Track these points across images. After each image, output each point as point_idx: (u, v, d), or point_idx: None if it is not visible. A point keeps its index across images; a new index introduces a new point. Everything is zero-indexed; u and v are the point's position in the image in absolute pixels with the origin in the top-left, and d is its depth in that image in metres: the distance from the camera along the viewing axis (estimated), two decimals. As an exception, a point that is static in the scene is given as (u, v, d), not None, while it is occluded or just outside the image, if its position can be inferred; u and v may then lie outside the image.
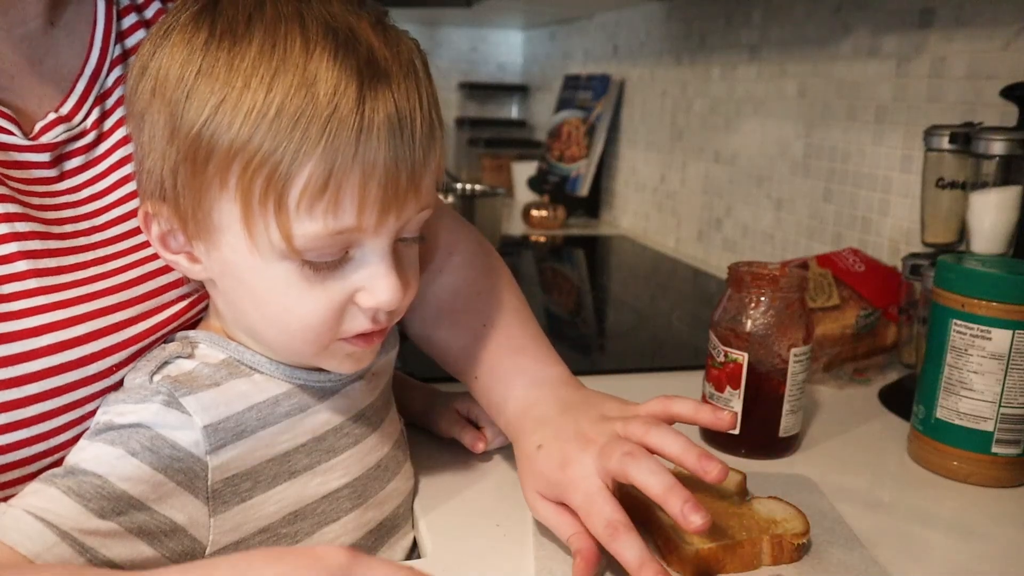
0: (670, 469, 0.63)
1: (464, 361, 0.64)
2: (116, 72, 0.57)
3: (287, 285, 0.47)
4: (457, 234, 0.68)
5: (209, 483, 0.48)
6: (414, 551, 0.61)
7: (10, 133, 0.51)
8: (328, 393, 0.55)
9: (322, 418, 0.55)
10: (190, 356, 0.51)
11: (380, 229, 0.47)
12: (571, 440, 0.54)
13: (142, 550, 0.45)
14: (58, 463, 0.48)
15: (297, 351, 0.51)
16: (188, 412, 0.48)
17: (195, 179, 0.46)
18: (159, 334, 0.53)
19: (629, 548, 0.49)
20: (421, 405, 0.73)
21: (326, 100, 0.44)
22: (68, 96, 0.54)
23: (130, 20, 0.59)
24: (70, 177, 0.54)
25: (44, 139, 0.52)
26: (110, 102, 0.56)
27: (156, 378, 0.49)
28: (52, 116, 0.53)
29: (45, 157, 0.52)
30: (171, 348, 0.51)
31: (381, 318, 0.50)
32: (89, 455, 0.46)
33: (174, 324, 0.54)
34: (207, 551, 0.48)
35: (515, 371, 0.61)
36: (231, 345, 0.52)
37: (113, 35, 0.57)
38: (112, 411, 0.48)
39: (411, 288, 0.52)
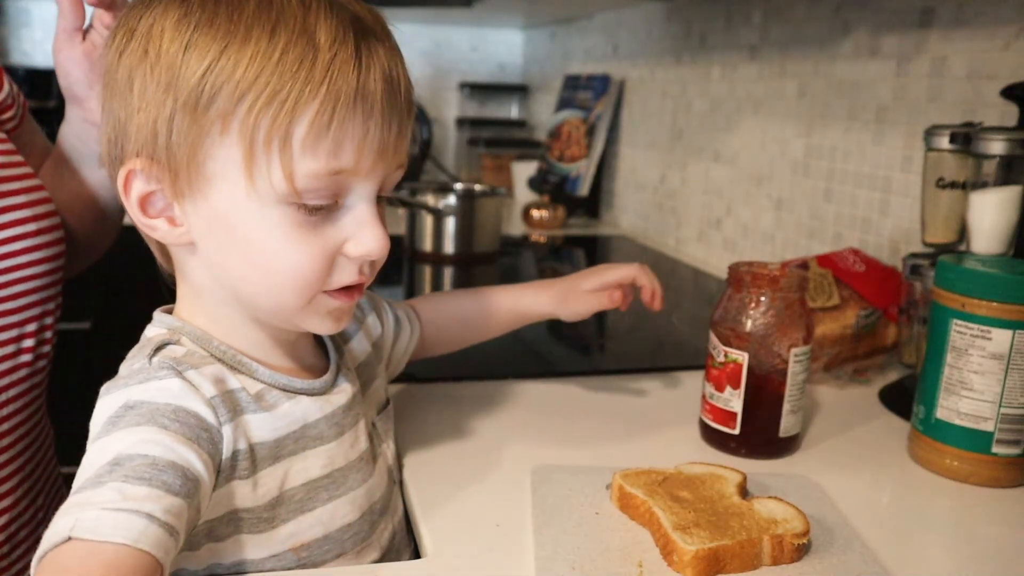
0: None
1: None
2: None
3: (281, 231, 0.49)
4: None
5: (224, 455, 0.49)
6: (414, 551, 0.61)
7: None
8: (314, 393, 0.56)
9: (314, 406, 0.55)
10: (179, 343, 0.52)
11: (371, 175, 0.50)
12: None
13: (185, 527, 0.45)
14: None
15: (282, 305, 0.51)
16: (195, 385, 0.49)
17: (194, 126, 0.47)
18: None
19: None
20: (550, 301, 0.78)
21: (327, 46, 0.47)
22: None
23: None
24: None
25: None
26: None
27: (155, 360, 0.49)
28: None
29: None
30: (160, 336, 0.52)
31: (366, 270, 0.53)
32: (124, 443, 0.45)
33: None
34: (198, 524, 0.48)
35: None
36: (213, 342, 0.53)
37: None
38: (119, 396, 0.47)
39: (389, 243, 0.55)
